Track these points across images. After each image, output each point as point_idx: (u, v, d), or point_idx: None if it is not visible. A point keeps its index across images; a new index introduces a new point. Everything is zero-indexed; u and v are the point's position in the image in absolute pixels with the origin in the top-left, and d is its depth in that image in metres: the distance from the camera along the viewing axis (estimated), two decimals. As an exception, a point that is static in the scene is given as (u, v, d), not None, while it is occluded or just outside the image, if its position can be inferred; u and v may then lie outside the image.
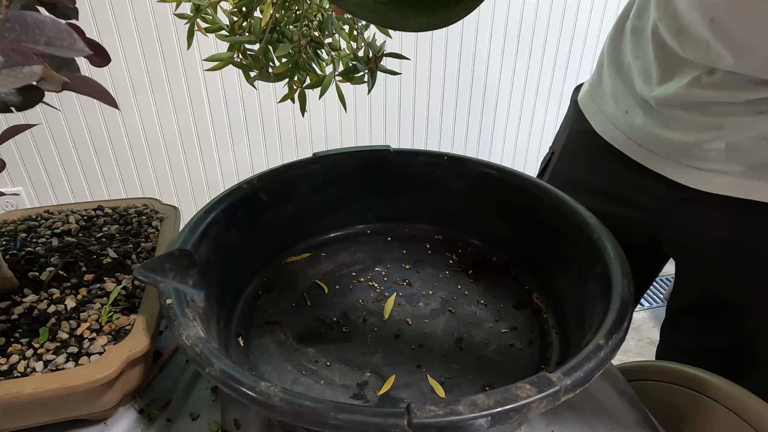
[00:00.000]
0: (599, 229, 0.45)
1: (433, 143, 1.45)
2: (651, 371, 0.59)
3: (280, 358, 0.45)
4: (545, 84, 1.44)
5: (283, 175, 0.55)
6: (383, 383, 0.43)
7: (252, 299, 0.52)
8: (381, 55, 0.50)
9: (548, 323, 0.49)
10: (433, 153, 0.59)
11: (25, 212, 0.56)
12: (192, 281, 0.41)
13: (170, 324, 0.36)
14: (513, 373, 0.44)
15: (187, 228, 0.45)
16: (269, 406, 0.30)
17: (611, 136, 0.60)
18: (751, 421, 0.50)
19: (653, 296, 1.69)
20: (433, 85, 1.35)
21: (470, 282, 0.55)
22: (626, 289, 0.39)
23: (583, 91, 0.67)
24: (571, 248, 0.48)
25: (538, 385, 0.30)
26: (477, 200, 0.58)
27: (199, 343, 0.34)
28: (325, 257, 0.58)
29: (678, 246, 0.59)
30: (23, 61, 0.25)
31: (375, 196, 0.60)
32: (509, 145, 1.52)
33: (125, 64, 1.15)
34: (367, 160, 0.58)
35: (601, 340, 0.34)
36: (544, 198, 0.52)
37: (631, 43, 0.57)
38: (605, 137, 0.61)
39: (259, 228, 0.54)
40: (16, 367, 0.38)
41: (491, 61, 1.36)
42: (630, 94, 0.57)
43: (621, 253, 0.43)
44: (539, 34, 1.35)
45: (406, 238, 0.61)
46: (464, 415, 0.29)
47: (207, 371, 0.32)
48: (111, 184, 1.30)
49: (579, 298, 0.46)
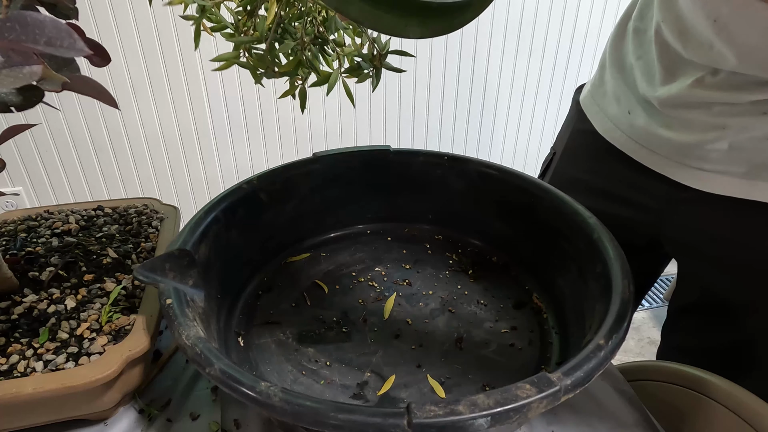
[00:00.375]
0: (599, 229, 0.45)
1: (433, 143, 1.45)
2: (651, 371, 0.59)
3: (280, 358, 0.45)
4: (545, 84, 1.44)
5: (283, 175, 0.55)
6: (383, 383, 0.43)
7: (252, 299, 0.52)
8: (386, 53, 0.51)
9: (548, 323, 0.49)
10: (433, 153, 0.59)
11: (25, 212, 0.56)
12: (192, 281, 0.41)
13: (170, 324, 0.36)
14: (513, 373, 0.44)
15: (187, 228, 0.45)
16: (269, 406, 0.30)
17: (613, 136, 0.60)
18: (751, 421, 0.50)
19: (653, 296, 1.69)
20: (433, 84, 1.35)
21: (470, 282, 0.55)
22: (626, 289, 0.39)
23: (585, 91, 0.67)
24: (571, 248, 0.48)
25: (538, 385, 0.30)
26: (477, 200, 0.58)
27: (199, 343, 0.34)
28: (325, 257, 0.58)
29: (679, 246, 0.59)
30: (23, 61, 0.25)
31: (375, 196, 0.60)
32: (509, 145, 1.52)
33: (125, 64, 1.15)
34: (367, 160, 0.58)
35: (601, 340, 0.34)
36: (544, 198, 0.52)
37: (634, 43, 0.57)
38: (607, 137, 0.61)
39: (259, 228, 0.54)
40: (16, 367, 0.38)
41: (491, 61, 1.36)
42: (632, 94, 0.57)
43: (621, 253, 0.43)
44: (539, 34, 1.35)
45: (406, 238, 0.61)
46: (464, 415, 0.29)
47: (207, 371, 0.32)
48: (111, 184, 1.30)
49: (579, 298, 0.46)
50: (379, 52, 0.51)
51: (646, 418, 0.46)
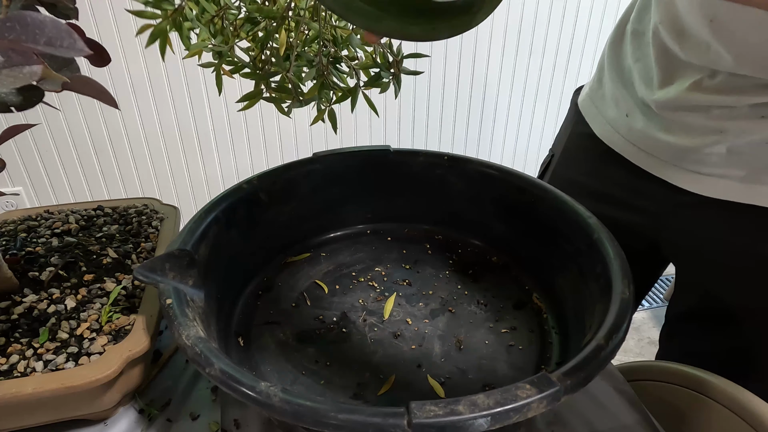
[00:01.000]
0: (599, 229, 0.45)
1: (433, 143, 1.45)
2: (651, 371, 0.59)
3: (279, 358, 0.45)
4: (545, 84, 1.44)
5: (283, 175, 0.55)
6: (383, 383, 0.43)
7: (252, 299, 0.52)
8: (401, 57, 0.51)
9: (548, 323, 0.49)
10: (433, 153, 0.59)
11: (25, 212, 0.56)
12: (192, 281, 0.41)
13: (170, 324, 0.36)
14: (513, 373, 0.44)
15: (187, 228, 0.45)
16: (269, 406, 0.30)
17: (611, 139, 0.60)
18: (751, 421, 0.50)
19: (653, 296, 1.69)
20: (433, 85, 1.35)
21: (470, 282, 0.54)
22: (626, 289, 0.39)
23: (584, 94, 0.67)
24: (571, 248, 0.48)
25: (538, 385, 0.30)
26: (477, 200, 0.58)
27: (199, 343, 0.34)
28: (325, 257, 0.58)
29: (678, 250, 0.59)
30: (23, 61, 0.25)
31: (375, 196, 0.60)
32: (509, 145, 1.52)
33: (125, 64, 1.15)
34: (367, 160, 0.58)
35: (601, 341, 0.34)
36: (545, 198, 0.52)
37: (632, 45, 0.57)
38: (605, 141, 0.61)
39: (259, 228, 0.54)
40: (16, 367, 0.38)
41: (491, 61, 1.36)
42: (630, 97, 0.57)
43: (621, 253, 0.43)
44: (539, 34, 1.35)
45: (406, 238, 0.61)
46: (464, 415, 0.29)
47: (207, 371, 0.32)
48: (111, 184, 1.30)
49: (579, 298, 0.46)
50: (395, 59, 0.52)
51: (646, 418, 0.46)
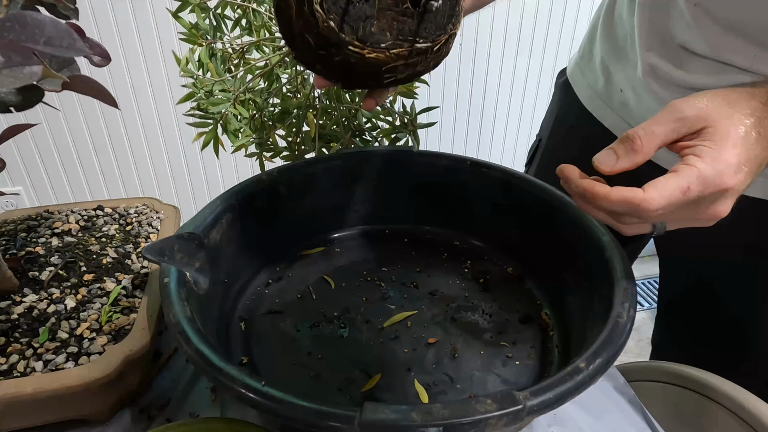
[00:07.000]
0: (611, 248, 0.43)
1: (434, 143, 1.45)
2: (651, 371, 0.59)
3: (276, 346, 0.47)
4: (545, 84, 1.43)
5: (303, 170, 0.55)
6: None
7: (261, 287, 0.53)
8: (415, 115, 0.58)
9: (553, 341, 0.47)
10: (456, 157, 0.57)
11: (25, 212, 0.56)
12: (198, 264, 0.42)
13: (163, 302, 0.38)
14: (503, 387, 0.43)
15: (201, 213, 0.46)
16: (232, 389, 0.32)
17: (601, 114, 0.58)
18: (751, 421, 0.50)
19: (653, 296, 1.69)
20: (433, 85, 1.35)
21: (479, 291, 0.53)
22: (624, 313, 0.37)
23: (572, 64, 0.65)
24: (583, 265, 0.47)
25: (500, 401, 0.29)
26: (497, 208, 0.56)
27: (185, 322, 0.36)
28: (338, 253, 0.58)
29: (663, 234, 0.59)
30: (23, 61, 0.25)
31: (396, 196, 0.60)
32: (509, 146, 1.52)
33: (125, 64, 1.15)
34: (390, 160, 0.58)
35: (582, 363, 0.33)
36: (564, 211, 0.50)
37: (627, 8, 0.55)
38: (595, 115, 0.59)
39: (275, 219, 0.54)
40: (16, 367, 0.38)
41: (491, 61, 1.36)
42: (623, 71, 0.55)
43: (630, 274, 0.41)
44: (539, 34, 1.35)
45: (423, 241, 0.60)
46: (415, 422, 0.28)
47: (184, 349, 0.34)
48: (111, 184, 1.30)
49: (585, 318, 0.44)
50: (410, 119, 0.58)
51: (645, 418, 0.46)
